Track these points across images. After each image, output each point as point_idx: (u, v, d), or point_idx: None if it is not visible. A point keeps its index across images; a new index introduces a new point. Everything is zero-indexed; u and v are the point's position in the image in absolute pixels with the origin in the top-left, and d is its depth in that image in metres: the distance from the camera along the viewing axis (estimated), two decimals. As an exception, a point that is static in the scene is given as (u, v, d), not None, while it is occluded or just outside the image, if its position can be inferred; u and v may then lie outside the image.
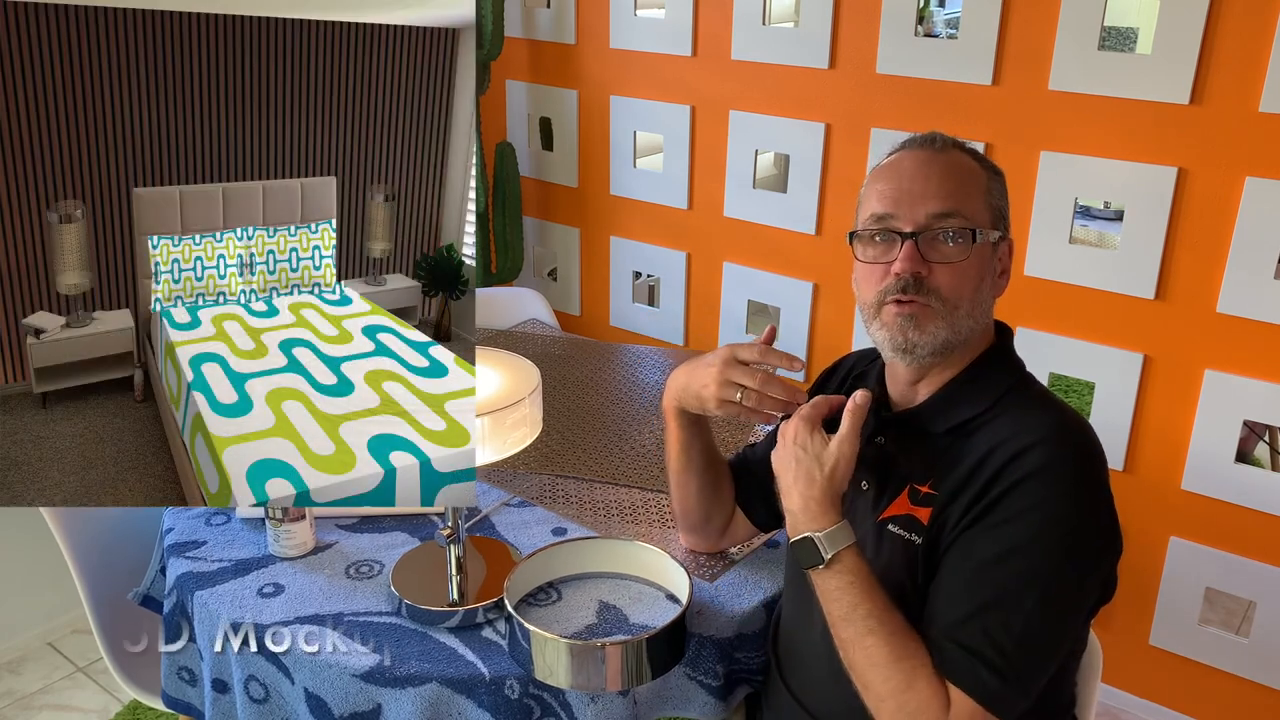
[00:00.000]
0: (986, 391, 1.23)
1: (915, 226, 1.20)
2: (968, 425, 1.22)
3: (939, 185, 1.21)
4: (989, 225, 1.23)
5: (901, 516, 1.22)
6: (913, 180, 1.22)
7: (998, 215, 1.25)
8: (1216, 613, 2.40)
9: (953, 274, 1.20)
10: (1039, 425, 1.16)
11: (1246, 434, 2.16)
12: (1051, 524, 1.11)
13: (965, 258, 1.20)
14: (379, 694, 1.33)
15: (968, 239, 1.20)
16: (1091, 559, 1.15)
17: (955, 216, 1.20)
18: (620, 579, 1.49)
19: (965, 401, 1.23)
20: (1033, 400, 1.23)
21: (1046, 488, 1.12)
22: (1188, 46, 2.02)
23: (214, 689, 1.47)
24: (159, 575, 1.64)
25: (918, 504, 1.21)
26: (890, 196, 1.22)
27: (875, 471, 1.28)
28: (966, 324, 1.21)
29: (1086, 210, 2.38)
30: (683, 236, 2.91)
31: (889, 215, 1.21)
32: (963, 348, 1.24)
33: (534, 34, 3.05)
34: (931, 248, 1.20)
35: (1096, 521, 1.15)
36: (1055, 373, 2.36)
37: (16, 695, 2.44)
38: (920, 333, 1.20)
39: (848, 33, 2.46)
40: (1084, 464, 1.15)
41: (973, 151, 1.27)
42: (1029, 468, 1.13)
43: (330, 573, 1.53)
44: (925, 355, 1.21)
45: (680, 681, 1.39)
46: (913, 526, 1.20)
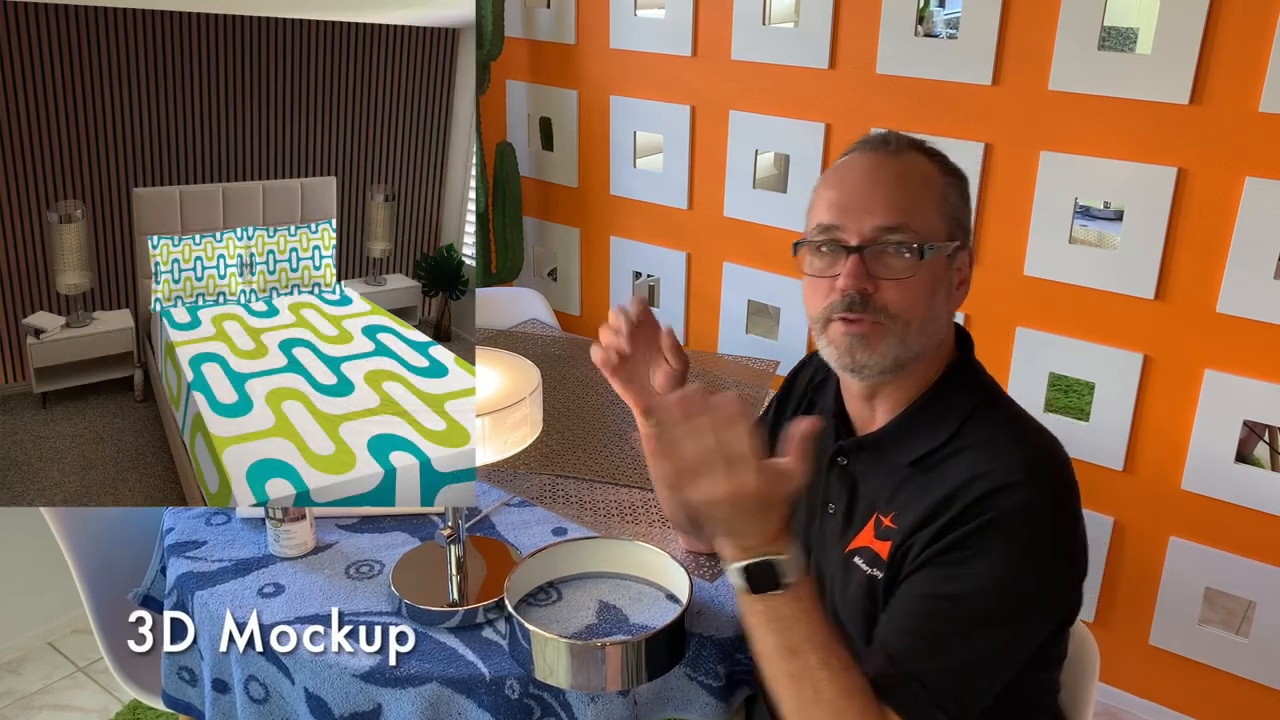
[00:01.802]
0: (948, 418, 1.17)
1: (861, 240, 1.13)
2: (931, 457, 1.16)
3: (887, 195, 1.14)
4: (943, 236, 1.15)
5: (865, 550, 1.18)
6: (860, 188, 1.15)
7: (954, 224, 1.17)
8: (1216, 613, 2.40)
9: (902, 290, 1.13)
10: (1007, 464, 1.10)
11: (1246, 434, 2.16)
12: (1012, 574, 1.07)
13: (914, 273, 1.12)
14: (379, 694, 1.33)
15: (916, 255, 1.12)
16: (1048, 604, 1.11)
17: (903, 231, 1.12)
18: (620, 579, 1.49)
19: (926, 431, 1.17)
20: (998, 429, 1.16)
21: (1012, 536, 1.07)
22: (1188, 46, 2.02)
23: (214, 689, 1.47)
24: (159, 575, 1.64)
25: (880, 537, 1.17)
26: (837, 205, 1.15)
27: (841, 496, 1.24)
28: (919, 341, 1.15)
29: (1086, 210, 2.38)
30: (683, 236, 2.91)
31: (835, 226, 1.14)
32: (918, 364, 1.18)
33: (534, 34, 3.05)
34: (879, 262, 1.13)
35: (1058, 566, 1.10)
36: (1055, 373, 2.36)
37: (16, 695, 2.44)
38: (869, 353, 1.14)
39: (848, 33, 2.46)
40: (1051, 508, 1.10)
41: (932, 152, 1.20)
42: (995, 511, 1.07)
43: (330, 573, 1.53)
44: (875, 374, 1.16)
45: (681, 682, 1.39)
46: (875, 562, 1.16)
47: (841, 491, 1.24)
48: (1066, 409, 2.47)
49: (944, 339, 1.20)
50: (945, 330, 1.19)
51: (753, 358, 2.30)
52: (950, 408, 1.18)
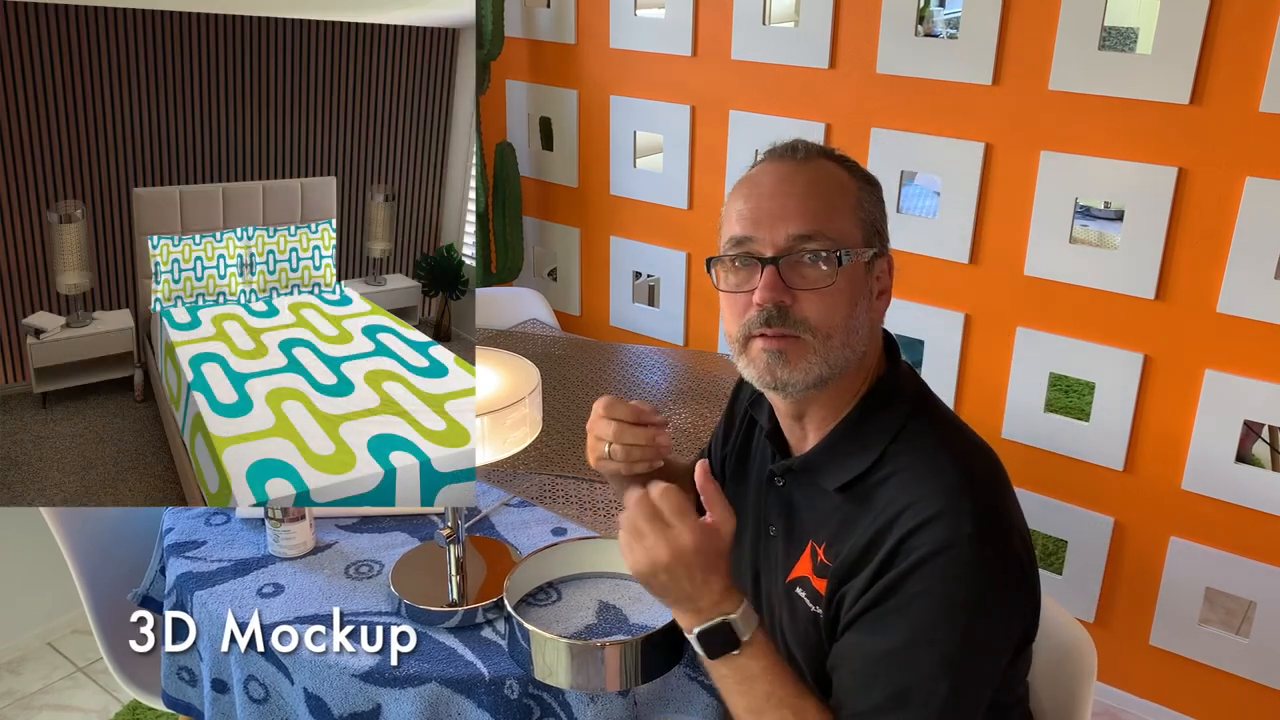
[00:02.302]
0: (874, 439, 1.13)
1: (776, 250, 1.09)
2: (859, 484, 1.12)
3: (800, 203, 1.10)
4: (860, 243, 1.12)
5: (805, 581, 1.16)
6: (772, 198, 1.11)
7: (871, 231, 1.13)
8: (1216, 613, 2.40)
9: (820, 301, 1.08)
10: (932, 493, 1.06)
11: (1246, 433, 2.16)
12: (955, 605, 1.03)
13: (832, 282, 1.08)
14: (378, 694, 1.33)
15: (834, 262, 1.08)
16: (1000, 624, 1.08)
17: (818, 238, 1.09)
18: (620, 579, 1.49)
19: (853, 454, 1.13)
20: (922, 452, 1.11)
21: (946, 568, 1.03)
22: (1188, 46, 2.02)
23: (214, 689, 1.47)
24: (159, 575, 1.64)
25: (817, 573, 1.14)
26: (749, 217, 1.11)
27: (779, 518, 1.22)
28: (841, 354, 1.11)
29: (1086, 210, 2.38)
30: (683, 236, 2.91)
31: (748, 238, 1.11)
32: (843, 379, 1.14)
33: (534, 34, 3.05)
34: (795, 272, 1.09)
35: (1003, 584, 1.07)
36: (1055, 373, 2.36)
37: (16, 695, 2.44)
38: (789, 370, 1.10)
39: (848, 33, 2.46)
40: (987, 529, 1.05)
41: (842, 158, 1.16)
42: (926, 548, 1.03)
43: (330, 573, 1.53)
44: (799, 391, 1.12)
45: (680, 682, 1.39)
46: (815, 598, 1.14)
47: (780, 513, 1.22)
48: (1066, 409, 2.47)
49: (868, 351, 1.16)
50: (868, 342, 1.15)
51: (753, 358, 2.30)
52: (876, 426, 1.14)
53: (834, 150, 1.17)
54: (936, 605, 1.03)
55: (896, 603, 1.04)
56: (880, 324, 1.18)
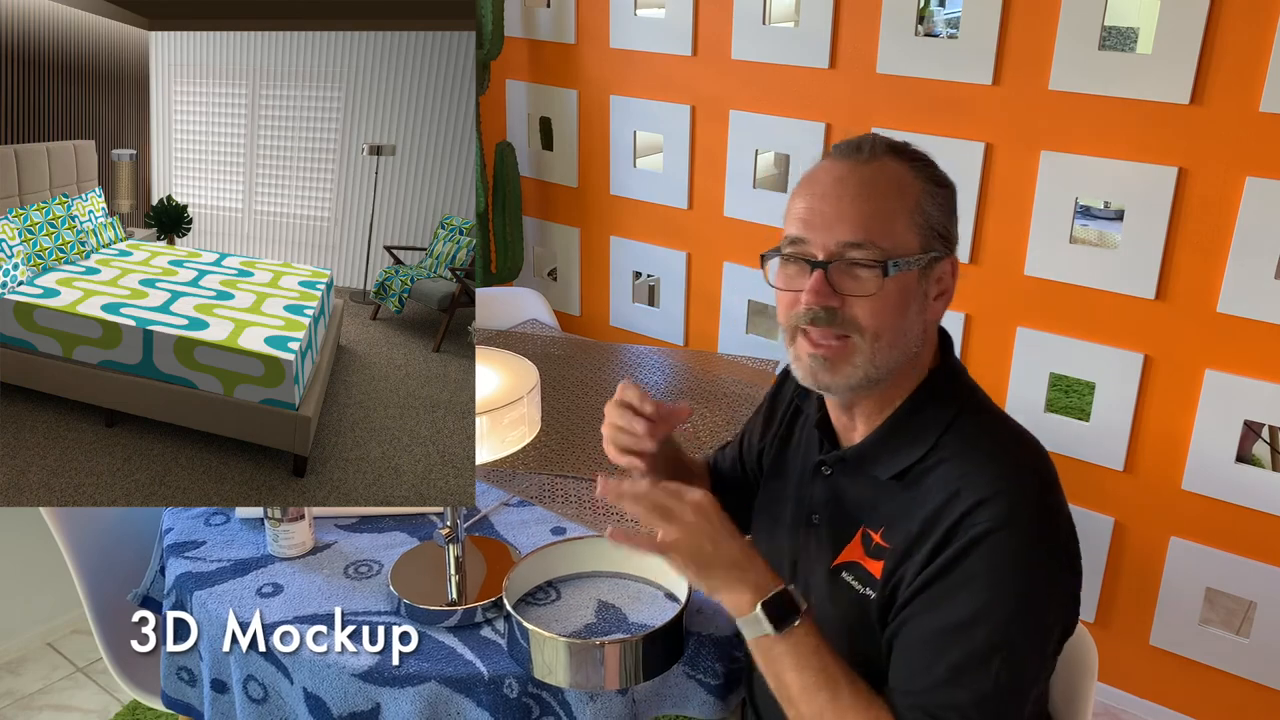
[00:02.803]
0: (926, 431, 1.14)
1: (826, 255, 1.10)
2: (912, 470, 1.14)
3: (854, 207, 1.09)
4: (915, 249, 1.10)
5: (855, 565, 1.16)
6: (825, 199, 1.11)
7: (931, 234, 1.12)
8: (1216, 613, 2.39)
9: (869, 305, 1.09)
10: (989, 476, 1.08)
11: (1246, 433, 2.16)
12: (1012, 585, 1.05)
13: (879, 289, 1.08)
14: (378, 693, 1.33)
15: (880, 271, 1.08)
16: (1055, 609, 1.09)
17: (868, 246, 1.08)
18: (619, 578, 1.49)
19: (904, 445, 1.15)
20: (976, 441, 1.13)
21: (1004, 547, 1.05)
22: (1188, 46, 2.02)
23: (213, 689, 1.47)
24: (158, 575, 1.64)
25: (871, 555, 1.15)
26: (803, 218, 1.12)
27: (825, 507, 1.22)
28: (889, 355, 1.11)
29: (1086, 210, 2.38)
30: (683, 236, 2.91)
31: (802, 240, 1.12)
32: (895, 377, 1.15)
33: (534, 34, 3.06)
34: (843, 278, 1.10)
35: (1057, 567, 1.09)
36: (1055, 373, 2.36)
37: (16, 695, 2.44)
38: (833, 375, 1.12)
39: (848, 33, 2.46)
40: (1039, 512, 1.08)
41: (913, 156, 1.14)
42: (984, 527, 1.05)
43: (329, 572, 1.53)
44: (844, 393, 1.15)
45: (679, 680, 1.39)
46: (867, 580, 1.14)
47: (826, 502, 1.23)
48: (1066, 409, 2.47)
49: (921, 350, 1.16)
50: (921, 342, 1.15)
51: (753, 358, 2.30)
52: (928, 420, 1.15)
53: (908, 146, 1.15)
54: (992, 583, 1.05)
55: (953, 581, 1.06)
56: (936, 324, 1.18)
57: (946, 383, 1.18)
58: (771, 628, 1.07)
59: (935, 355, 1.20)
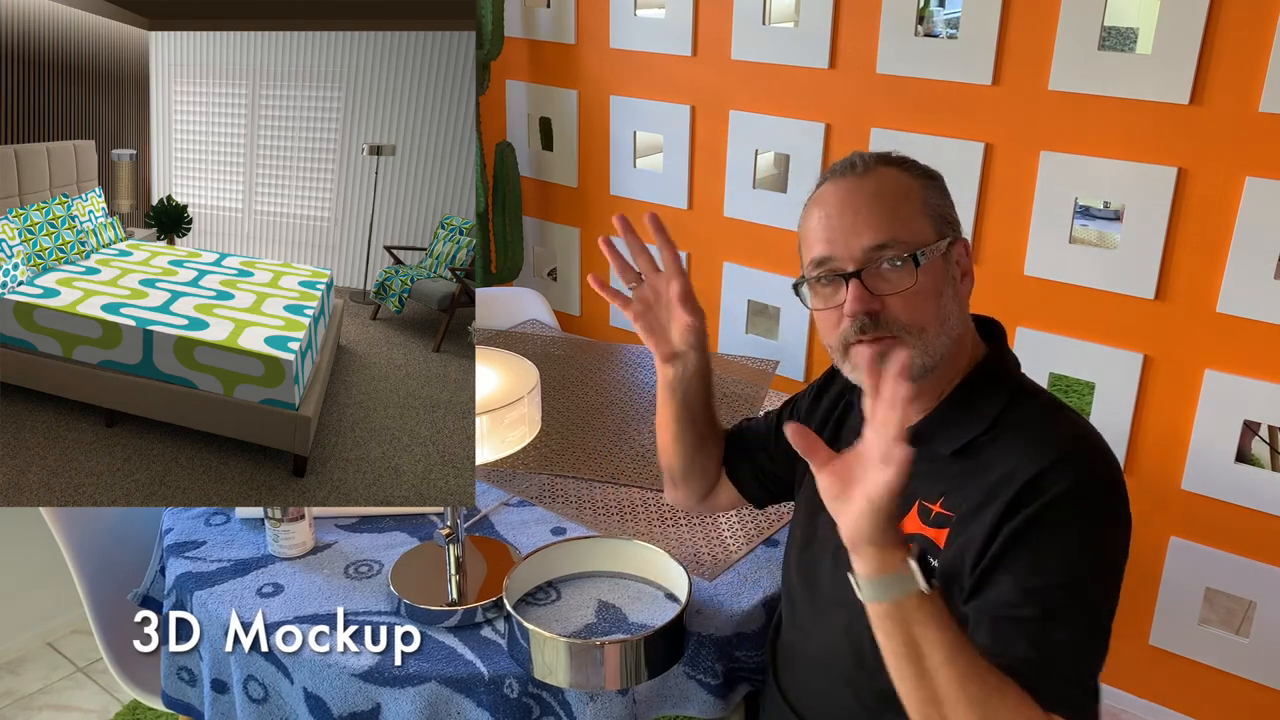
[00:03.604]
0: (985, 408, 1.18)
1: (855, 264, 1.15)
2: (973, 445, 1.17)
3: (869, 214, 1.16)
4: (933, 237, 1.17)
5: (915, 537, 1.17)
6: (841, 215, 1.17)
7: (942, 222, 1.19)
8: (1216, 613, 2.39)
9: (908, 302, 1.14)
10: (1053, 443, 1.12)
11: (1245, 433, 2.16)
12: (1090, 543, 1.09)
13: (914, 282, 1.14)
14: (378, 693, 1.33)
15: (911, 263, 1.14)
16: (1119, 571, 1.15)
17: (894, 245, 1.14)
18: (619, 578, 1.49)
19: (964, 421, 1.19)
20: (1037, 414, 1.18)
21: (1076, 511, 1.08)
22: (1188, 46, 2.02)
23: (213, 689, 1.47)
24: (159, 575, 1.64)
25: (930, 524, 1.17)
26: (825, 237, 1.17)
27: None
28: (940, 343, 1.17)
29: (1086, 210, 2.38)
30: (683, 236, 2.91)
31: (828, 258, 1.17)
32: (945, 364, 1.19)
33: (534, 34, 3.06)
34: (878, 280, 1.15)
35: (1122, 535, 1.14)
36: (1055, 373, 2.36)
37: (16, 695, 2.44)
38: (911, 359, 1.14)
39: (848, 33, 2.46)
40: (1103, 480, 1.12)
41: (900, 160, 1.21)
42: (1059, 487, 1.08)
43: (329, 572, 1.53)
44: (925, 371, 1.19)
45: (679, 680, 1.39)
46: (930, 549, 1.15)
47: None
48: (1066, 409, 2.47)
49: (965, 334, 1.21)
50: (962, 325, 1.21)
51: (753, 358, 2.30)
52: (987, 398, 1.19)
53: (890, 154, 1.22)
54: (1073, 542, 1.08)
55: (1034, 544, 1.08)
56: (967, 302, 1.22)
57: (1001, 367, 1.23)
58: (924, 583, 0.99)
59: (978, 340, 1.24)
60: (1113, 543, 1.11)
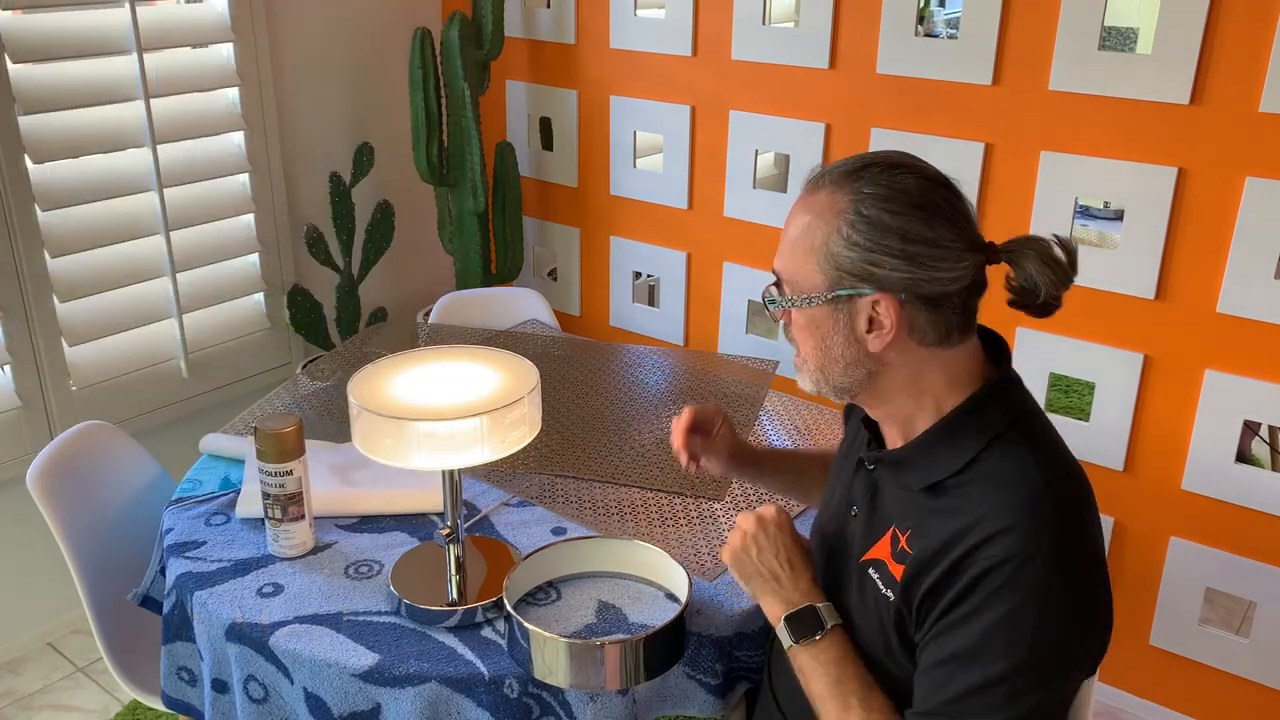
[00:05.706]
0: (966, 445, 1.12)
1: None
2: (944, 484, 1.13)
3: (784, 238, 1.17)
4: (818, 286, 1.11)
5: (881, 564, 1.17)
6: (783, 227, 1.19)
7: (835, 272, 1.10)
8: (1216, 613, 2.39)
9: (792, 330, 1.20)
10: (1014, 504, 1.06)
11: (1245, 433, 2.16)
12: (1020, 620, 1.03)
13: (787, 321, 1.19)
14: (378, 693, 1.33)
15: (778, 307, 1.19)
16: (1066, 650, 1.05)
17: (781, 280, 1.18)
18: (619, 578, 1.49)
19: (943, 455, 1.14)
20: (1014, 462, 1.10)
21: (1016, 580, 1.03)
22: (1188, 46, 2.02)
23: (213, 689, 1.47)
24: (159, 575, 1.64)
25: (895, 557, 1.15)
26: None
27: (864, 500, 1.24)
28: (828, 376, 1.17)
29: (1086, 210, 2.38)
30: (683, 236, 2.91)
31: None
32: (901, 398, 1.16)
33: (534, 34, 3.06)
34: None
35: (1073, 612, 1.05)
36: (1055, 373, 2.36)
37: (16, 695, 2.45)
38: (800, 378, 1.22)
39: (848, 33, 2.46)
40: (1060, 551, 1.04)
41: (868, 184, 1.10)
42: (999, 557, 1.04)
43: (329, 572, 1.53)
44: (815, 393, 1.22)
45: (679, 680, 1.39)
46: (889, 581, 1.15)
47: (865, 496, 1.24)
48: (1066, 409, 2.47)
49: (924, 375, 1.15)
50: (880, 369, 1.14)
51: (753, 358, 2.30)
52: (970, 434, 1.13)
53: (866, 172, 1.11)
54: (1003, 617, 1.04)
55: (965, 609, 1.06)
56: (886, 358, 1.13)
57: (996, 396, 1.15)
58: (790, 639, 1.19)
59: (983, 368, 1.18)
60: (1053, 615, 1.03)
